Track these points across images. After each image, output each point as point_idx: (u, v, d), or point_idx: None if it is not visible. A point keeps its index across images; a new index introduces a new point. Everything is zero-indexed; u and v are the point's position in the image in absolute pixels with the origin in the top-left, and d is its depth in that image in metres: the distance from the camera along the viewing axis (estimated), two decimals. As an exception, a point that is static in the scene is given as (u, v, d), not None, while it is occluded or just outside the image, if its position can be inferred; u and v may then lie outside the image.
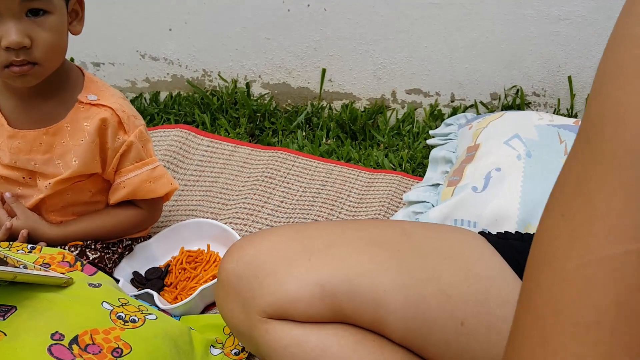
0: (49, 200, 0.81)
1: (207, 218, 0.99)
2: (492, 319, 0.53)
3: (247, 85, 1.44)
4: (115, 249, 0.85)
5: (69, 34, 0.74)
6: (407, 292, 0.53)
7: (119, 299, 0.66)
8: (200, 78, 1.46)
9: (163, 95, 1.48)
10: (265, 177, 1.11)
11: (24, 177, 0.79)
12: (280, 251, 0.56)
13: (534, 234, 0.66)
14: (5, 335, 0.55)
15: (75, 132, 0.76)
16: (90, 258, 0.80)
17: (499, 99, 1.33)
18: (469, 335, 0.53)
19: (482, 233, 0.62)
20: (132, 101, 1.47)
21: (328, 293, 0.52)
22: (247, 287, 0.55)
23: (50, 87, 0.75)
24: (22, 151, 0.77)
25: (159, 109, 1.42)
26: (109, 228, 0.83)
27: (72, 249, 0.80)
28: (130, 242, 0.88)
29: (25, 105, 0.77)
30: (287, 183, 1.11)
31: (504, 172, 0.89)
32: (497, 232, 0.63)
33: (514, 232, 0.66)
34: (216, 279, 0.82)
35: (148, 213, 0.85)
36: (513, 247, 0.60)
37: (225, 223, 0.97)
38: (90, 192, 0.82)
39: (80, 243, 0.81)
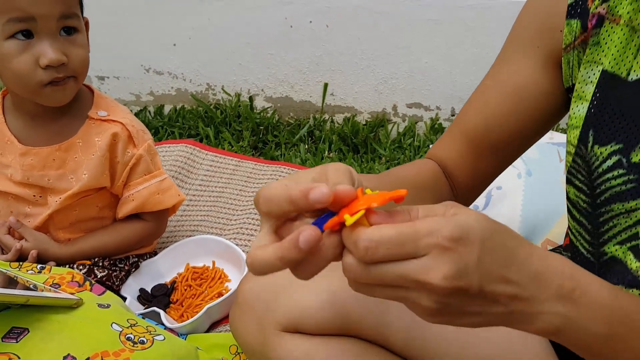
0: (57, 217, 0.82)
1: (212, 233, 1.00)
2: None
3: (250, 99, 1.46)
4: (122, 266, 0.87)
5: None
6: None
7: (127, 320, 0.67)
8: (204, 92, 1.48)
9: (167, 109, 1.50)
10: (269, 192, 1.12)
11: (34, 195, 0.80)
12: None
13: None
14: (19, 358, 0.57)
15: (87, 148, 0.78)
16: (98, 276, 0.81)
17: (499, 113, 1.35)
18: (469, 332, 0.55)
19: None
20: (137, 114, 1.49)
21: (338, 300, 0.56)
22: (263, 302, 0.59)
23: (59, 107, 0.77)
24: (36, 168, 0.78)
25: (163, 122, 1.44)
26: (116, 243, 0.84)
27: (80, 267, 0.81)
28: (136, 258, 0.89)
29: (36, 124, 0.78)
30: (290, 198, 1.12)
31: (504, 191, 0.90)
32: None
33: None
34: (222, 297, 0.83)
35: (154, 226, 0.86)
36: None
37: (230, 238, 0.99)
38: (98, 207, 0.84)
39: (89, 262, 0.83)
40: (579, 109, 0.50)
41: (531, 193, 0.89)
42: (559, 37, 0.51)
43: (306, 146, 1.36)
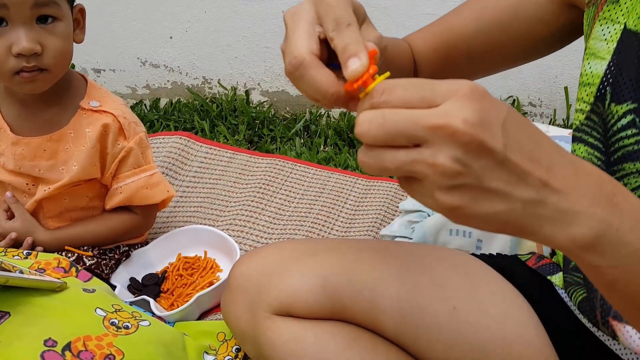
0: (47, 206, 0.81)
1: (205, 224, 0.99)
2: (483, 304, 0.56)
3: (247, 92, 1.45)
4: (112, 255, 0.86)
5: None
6: (402, 281, 0.56)
7: (112, 305, 0.66)
8: (200, 85, 1.47)
9: (163, 102, 1.49)
10: (263, 184, 1.12)
11: (27, 184, 0.80)
12: (288, 253, 0.60)
13: (514, 255, 0.70)
14: (-1, 341, 0.55)
15: (77, 138, 0.77)
16: (87, 264, 0.80)
17: (497, 108, 1.34)
18: (461, 318, 0.55)
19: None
20: (132, 107, 1.48)
21: (330, 284, 0.55)
22: (255, 285, 0.58)
23: (52, 94, 0.76)
24: (26, 158, 0.78)
25: (159, 115, 1.44)
26: (102, 233, 0.83)
27: (69, 254, 0.80)
28: (127, 248, 0.88)
29: (28, 112, 0.77)
30: (285, 190, 1.12)
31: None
32: (481, 253, 0.67)
33: (506, 250, 0.69)
34: (213, 286, 0.82)
35: (142, 219, 0.86)
36: (495, 260, 0.63)
37: (223, 230, 0.98)
38: (88, 197, 0.83)
39: (77, 251, 0.82)
40: (593, 67, 0.49)
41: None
42: None
43: (302, 140, 1.35)
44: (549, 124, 1.31)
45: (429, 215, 0.93)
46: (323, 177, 1.15)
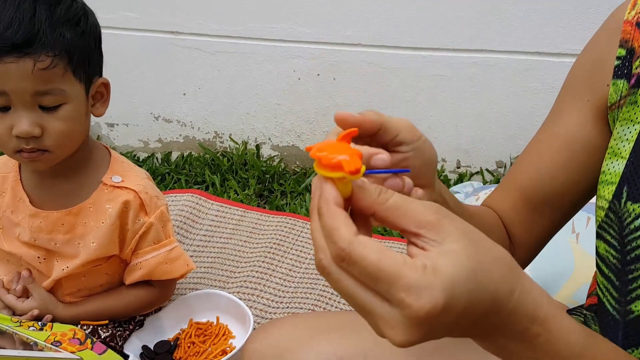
0: (66, 283, 0.80)
1: (215, 286, 0.99)
2: None
3: (257, 147, 1.47)
4: (126, 326, 0.85)
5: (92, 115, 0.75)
6: None
7: (128, 383, 0.66)
8: (211, 140, 1.49)
9: (174, 155, 1.51)
10: (274, 243, 1.12)
11: (38, 257, 0.79)
12: (302, 330, 0.59)
13: None
14: None
15: (97, 214, 0.77)
16: (102, 337, 0.80)
17: (505, 167, 1.35)
18: None
19: None
20: (144, 161, 1.50)
21: None
22: None
23: (72, 167, 0.76)
24: (43, 230, 0.77)
25: (170, 169, 1.45)
26: (120, 308, 0.83)
27: (85, 327, 0.79)
28: (142, 317, 0.87)
29: (47, 183, 0.77)
30: (296, 250, 1.12)
31: (512, 251, 0.89)
32: None
33: None
34: (226, 357, 0.82)
35: (160, 293, 0.85)
36: None
37: (233, 292, 0.97)
38: (107, 274, 0.82)
39: (93, 323, 0.81)
40: (614, 165, 0.51)
41: (538, 255, 0.87)
42: (606, 92, 0.52)
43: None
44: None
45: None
46: (334, 236, 1.16)
